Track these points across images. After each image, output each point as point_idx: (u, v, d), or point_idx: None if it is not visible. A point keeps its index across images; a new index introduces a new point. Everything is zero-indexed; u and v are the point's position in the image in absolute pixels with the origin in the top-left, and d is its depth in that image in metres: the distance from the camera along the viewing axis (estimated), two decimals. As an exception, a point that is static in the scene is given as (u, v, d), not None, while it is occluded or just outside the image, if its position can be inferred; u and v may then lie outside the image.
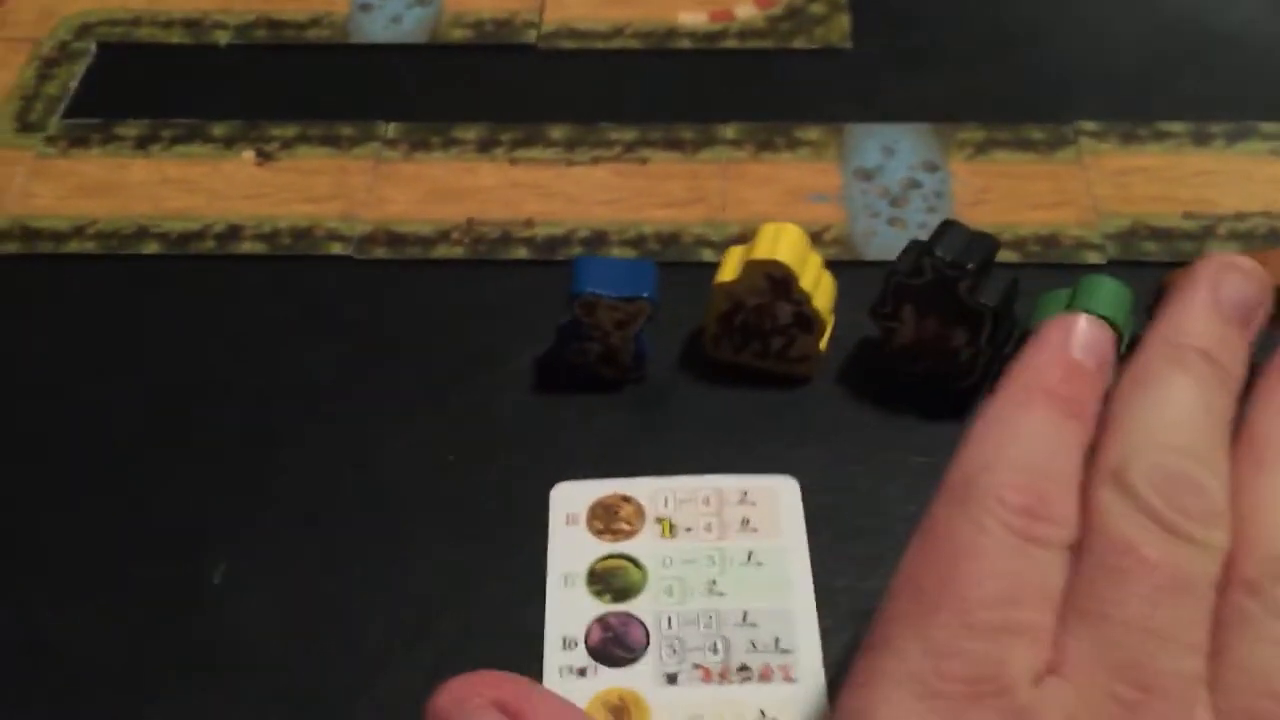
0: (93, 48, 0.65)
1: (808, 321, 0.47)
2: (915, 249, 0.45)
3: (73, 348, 0.52)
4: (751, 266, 0.46)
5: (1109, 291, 0.44)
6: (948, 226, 0.45)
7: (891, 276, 0.46)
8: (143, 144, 0.60)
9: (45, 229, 0.56)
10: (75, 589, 0.44)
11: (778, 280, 0.46)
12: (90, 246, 0.55)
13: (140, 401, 0.49)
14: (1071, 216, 0.54)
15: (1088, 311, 0.43)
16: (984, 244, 0.45)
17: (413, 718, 0.41)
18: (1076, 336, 0.32)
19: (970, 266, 0.44)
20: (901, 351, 0.48)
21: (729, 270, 0.47)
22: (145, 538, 0.45)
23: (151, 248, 0.55)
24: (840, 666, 0.41)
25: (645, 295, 0.46)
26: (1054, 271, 0.52)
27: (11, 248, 0.55)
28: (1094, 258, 0.52)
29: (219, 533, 0.45)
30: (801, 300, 0.46)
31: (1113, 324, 0.43)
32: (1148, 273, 0.49)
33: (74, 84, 0.63)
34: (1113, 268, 0.52)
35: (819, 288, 0.47)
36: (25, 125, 0.61)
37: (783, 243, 0.46)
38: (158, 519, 0.46)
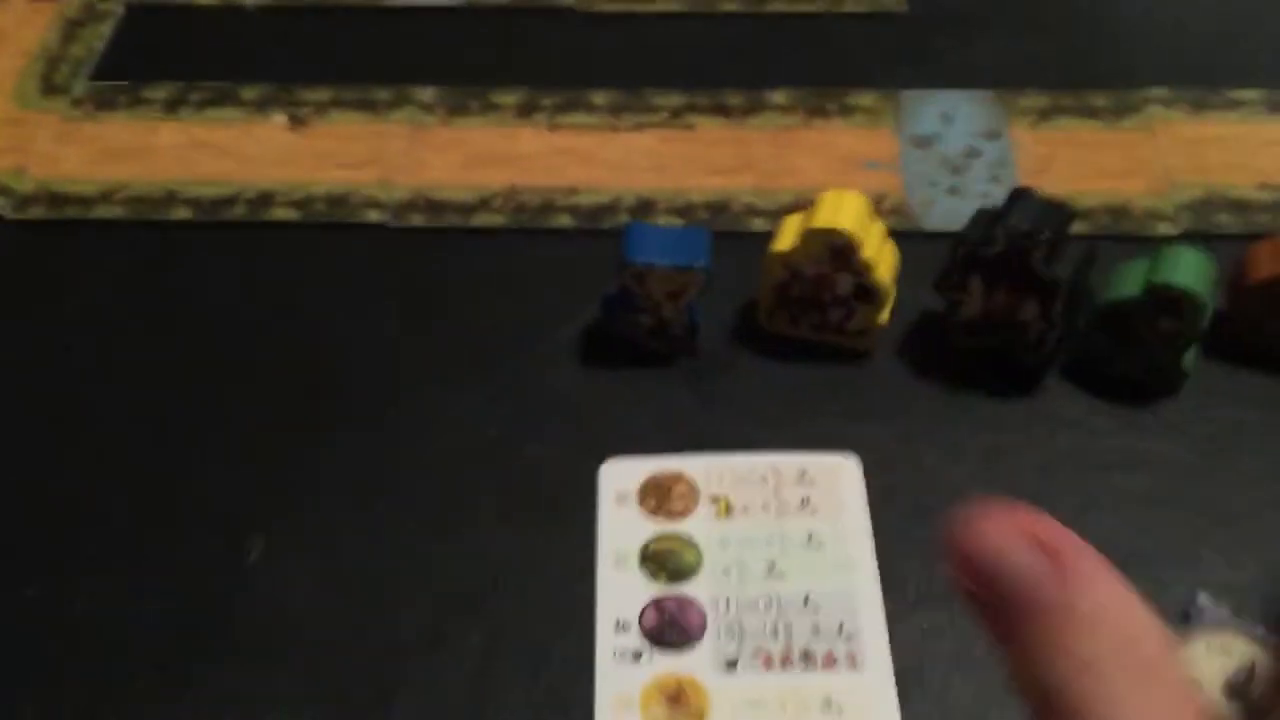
0: (120, 8, 0.63)
1: (869, 293, 0.45)
2: (986, 217, 0.43)
3: (104, 316, 0.50)
4: (811, 235, 0.44)
5: (1191, 262, 0.42)
6: (1021, 194, 0.43)
7: (960, 246, 0.43)
8: (171, 107, 0.58)
9: (72, 194, 0.54)
10: (110, 564, 0.42)
11: (839, 249, 0.44)
12: (119, 212, 0.53)
13: (173, 373, 0.48)
14: (1142, 186, 0.52)
15: (1169, 284, 0.41)
16: (1059, 213, 0.42)
17: (457, 699, 0.39)
18: None
19: (1045, 236, 0.41)
20: (967, 325, 0.46)
21: (786, 239, 0.45)
22: (183, 512, 0.43)
23: (181, 213, 0.53)
24: (908, 653, 0.39)
25: (700, 264, 0.44)
26: (1124, 243, 0.49)
27: (38, 213, 0.53)
28: (1166, 229, 0.50)
29: (258, 508, 0.43)
30: (863, 270, 0.44)
31: (1196, 297, 0.41)
32: (1222, 245, 0.47)
33: (100, 45, 0.61)
34: (1185, 239, 0.49)
35: (881, 258, 0.45)
36: (50, 87, 0.59)
37: (845, 210, 0.44)
38: (194, 493, 0.44)
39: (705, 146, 0.55)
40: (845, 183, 0.51)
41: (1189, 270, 0.42)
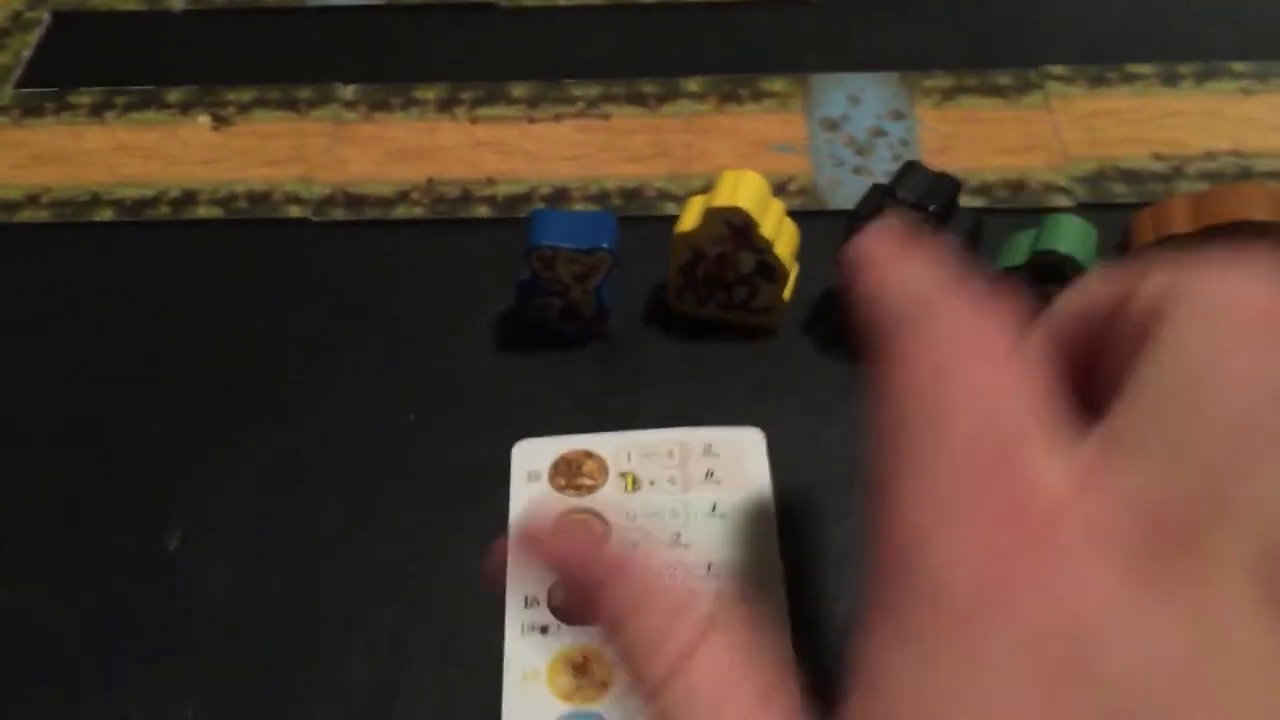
0: (47, 16, 0.64)
1: (770, 270, 0.46)
2: (877, 192, 0.44)
3: (28, 316, 0.51)
4: (712, 214, 0.45)
5: (1073, 230, 0.44)
6: (909, 168, 0.44)
7: (853, 221, 0.45)
8: (97, 111, 0.59)
9: (-2, 199, 0.55)
10: (34, 556, 0.43)
11: (738, 227, 0.45)
12: (44, 215, 0.54)
13: (98, 369, 0.49)
14: (1040, 161, 0.53)
15: (1052, 251, 0.43)
16: (946, 185, 0.44)
17: (377, 679, 0.40)
18: None
19: (932, 208, 0.43)
20: (867, 299, 0.47)
21: (690, 219, 0.46)
22: (105, 505, 0.44)
23: (106, 215, 0.54)
24: (805, 614, 0.40)
25: (605, 246, 0.45)
26: (1022, 216, 0.51)
27: (-37, 218, 0.54)
28: (1063, 201, 0.52)
29: (179, 499, 0.44)
30: (763, 248, 0.46)
31: (1077, 262, 0.43)
32: (1117, 214, 0.49)
33: (27, 53, 0.62)
34: (1082, 210, 0.51)
35: (780, 235, 0.46)
36: (-22, 96, 0.60)
37: (742, 189, 0.45)
38: (117, 486, 0.45)
39: (621, 135, 0.57)
40: (756, 166, 0.52)
41: (1071, 237, 0.43)
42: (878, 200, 0.44)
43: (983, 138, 0.54)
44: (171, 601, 0.42)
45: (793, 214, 0.48)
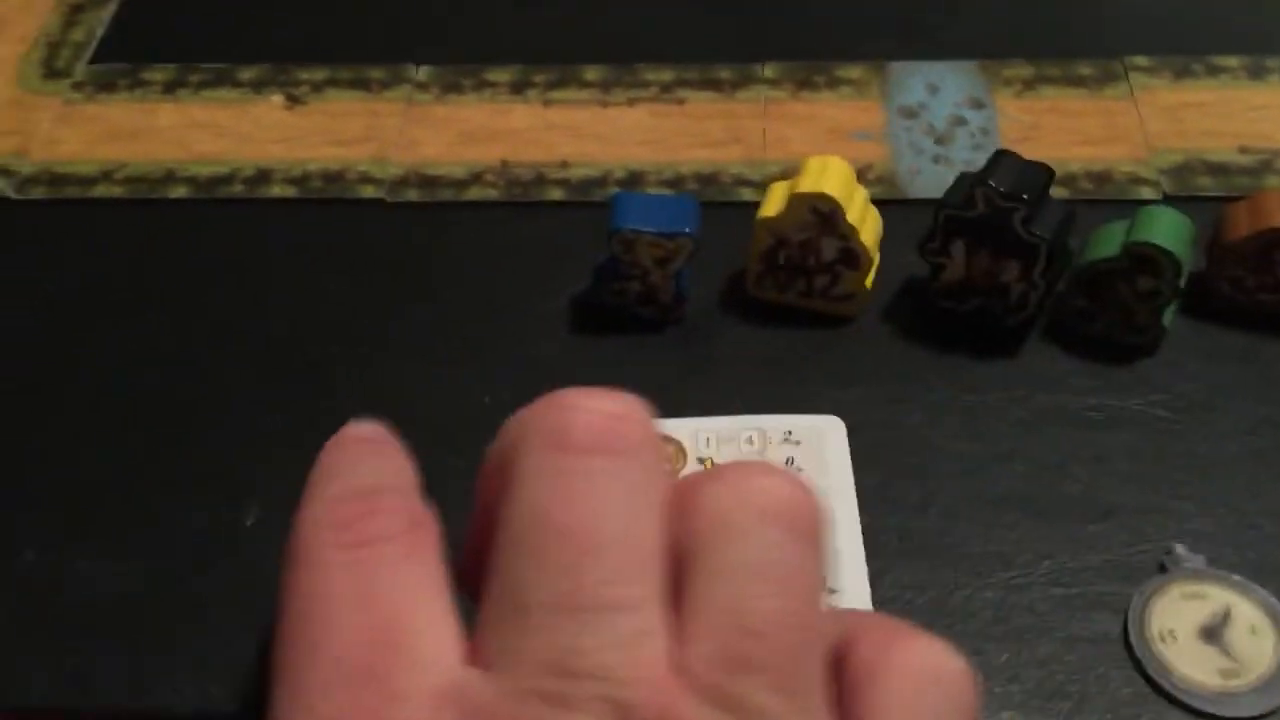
0: (119, -7, 0.64)
1: (854, 257, 0.46)
2: (967, 181, 0.44)
3: (104, 292, 0.51)
4: (797, 200, 0.45)
5: (1169, 223, 0.43)
6: (1001, 157, 0.43)
7: (942, 210, 0.44)
8: (170, 89, 0.59)
9: (72, 174, 0.55)
10: (106, 532, 0.43)
11: (824, 214, 0.45)
12: (118, 191, 0.54)
13: (173, 345, 0.49)
14: (1124, 152, 0.52)
15: (1148, 243, 0.42)
16: (1039, 174, 0.43)
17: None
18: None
19: (1026, 197, 0.42)
20: (950, 289, 0.46)
21: (772, 205, 0.46)
22: (182, 481, 0.44)
23: (180, 192, 0.54)
24: (891, 606, 0.39)
25: (687, 231, 0.45)
26: (1106, 208, 0.50)
27: (39, 193, 0.54)
28: (1148, 193, 0.51)
29: (254, 476, 0.44)
30: (848, 235, 0.45)
31: (1173, 255, 0.42)
32: (1204, 208, 0.48)
33: (101, 29, 0.62)
34: (1166, 203, 0.50)
35: (865, 222, 0.46)
36: (51, 72, 0.60)
37: (829, 175, 0.45)
38: (193, 463, 0.45)
39: (695, 120, 0.56)
40: (834, 153, 0.51)
41: (1166, 230, 0.43)
42: (968, 189, 0.43)
43: (1065, 128, 0.54)
44: (249, 577, 0.42)
45: (871, 202, 0.47)
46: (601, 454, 0.22)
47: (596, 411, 0.22)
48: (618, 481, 0.22)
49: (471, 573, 0.23)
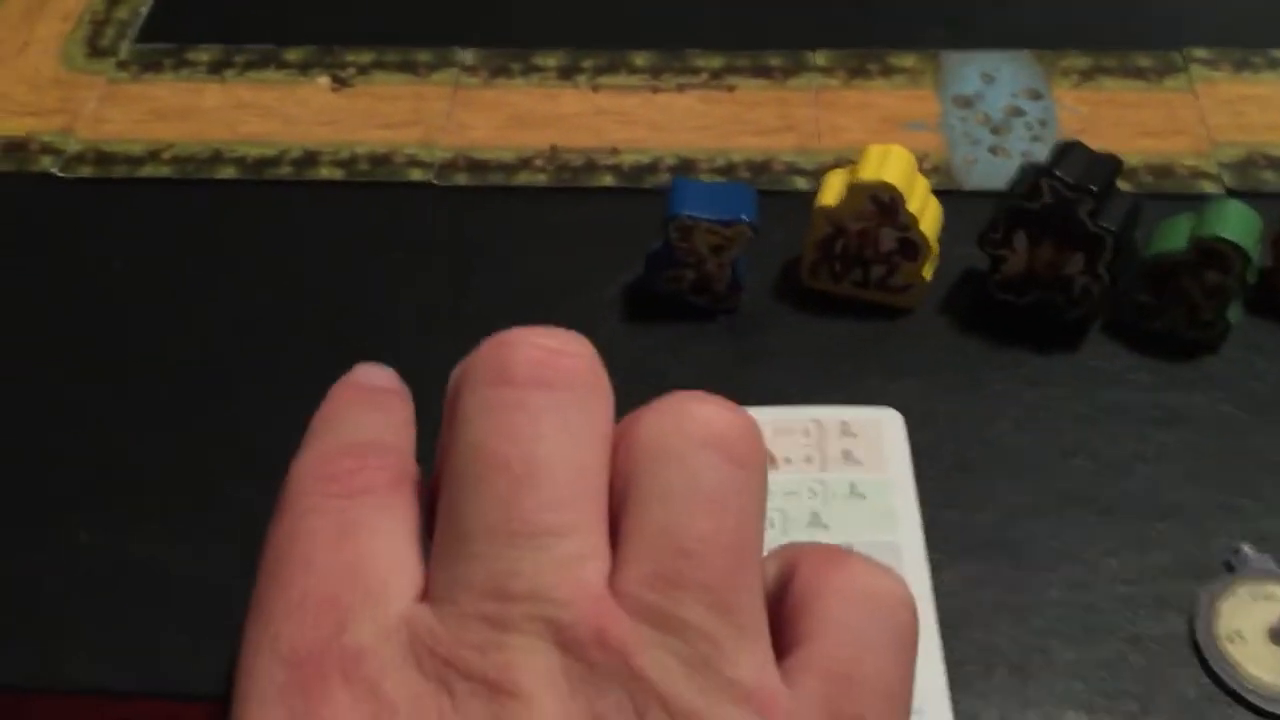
0: (163, -28, 0.64)
1: (913, 248, 0.45)
2: (1032, 171, 0.43)
3: (151, 272, 0.50)
4: (857, 188, 0.44)
5: (1238, 216, 0.42)
6: (1068, 147, 0.43)
7: (1005, 200, 0.44)
8: (216, 69, 0.58)
9: (119, 153, 0.55)
10: (169, 510, 0.43)
11: (884, 203, 0.44)
12: (165, 171, 0.54)
13: (218, 327, 0.48)
14: (1185, 146, 0.52)
15: (1217, 237, 0.41)
16: (1106, 165, 0.42)
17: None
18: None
19: (1093, 188, 0.41)
20: (1010, 281, 0.46)
21: (830, 193, 0.45)
22: (230, 462, 0.44)
23: (228, 172, 0.54)
24: (951, 603, 0.39)
25: (745, 219, 0.44)
26: (1166, 202, 0.49)
27: (85, 171, 0.54)
28: (1210, 188, 0.50)
29: (304, 458, 0.44)
30: (908, 225, 0.44)
31: (1242, 249, 0.41)
32: (1267, 203, 0.47)
33: (145, 8, 0.62)
34: (1230, 198, 0.49)
35: (926, 212, 0.45)
36: (96, 50, 0.60)
37: (890, 163, 0.44)
38: (242, 444, 0.45)
39: (746, 107, 0.55)
40: (888, 142, 0.51)
41: (1235, 223, 0.42)
42: (1033, 179, 0.42)
43: (1124, 120, 0.53)
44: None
45: (928, 192, 0.47)
46: (540, 387, 0.22)
47: (536, 346, 0.23)
48: (556, 413, 0.22)
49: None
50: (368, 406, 0.26)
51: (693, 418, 0.22)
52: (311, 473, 0.24)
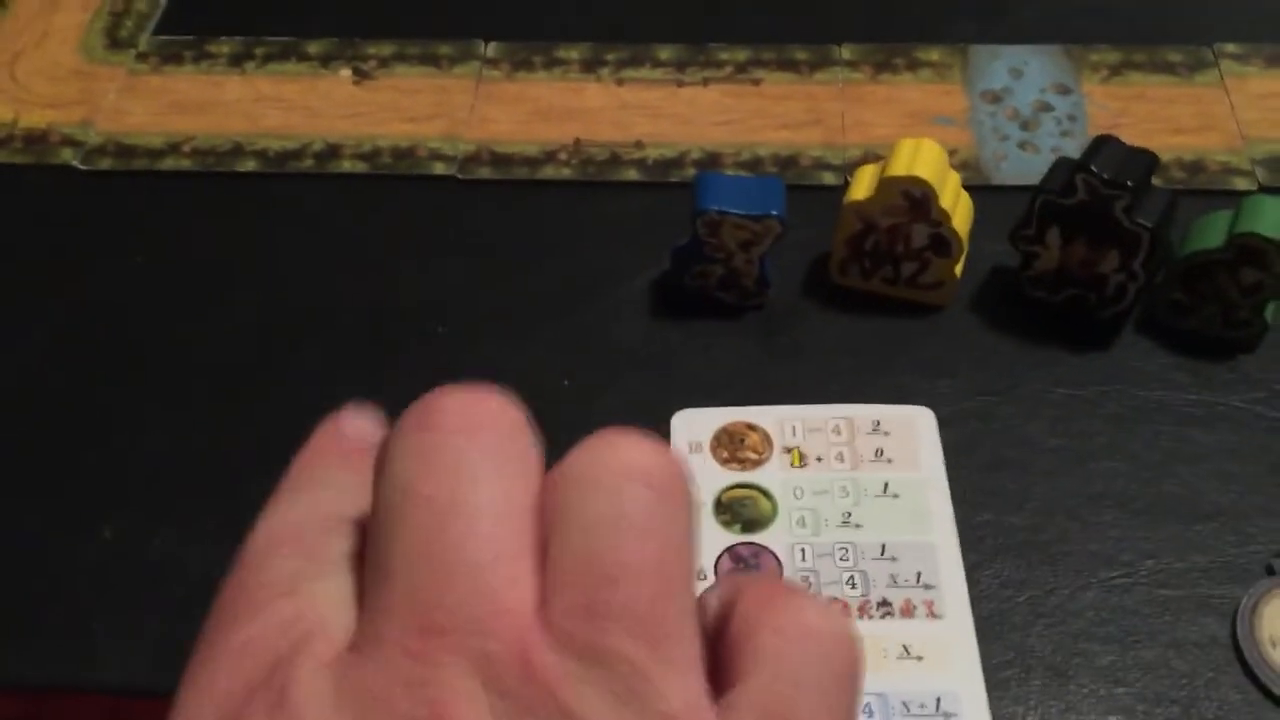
0: (182, -36, 0.63)
1: (945, 244, 0.45)
2: (1066, 166, 0.42)
3: (172, 266, 0.50)
4: (888, 183, 0.43)
5: (1274, 212, 0.42)
6: (1103, 142, 0.42)
7: (1039, 196, 0.43)
8: (237, 61, 0.58)
9: (140, 146, 0.54)
10: (186, 507, 0.42)
11: (916, 198, 0.43)
12: (186, 164, 0.53)
13: (245, 320, 0.48)
14: (1217, 141, 0.51)
15: (1254, 234, 0.41)
16: (1142, 160, 0.42)
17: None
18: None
19: (1130, 184, 0.41)
20: (1043, 278, 0.45)
21: (861, 189, 0.45)
22: (247, 456, 0.43)
23: (249, 165, 0.53)
24: (987, 603, 0.38)
25: (774, 214, 0.44)
26: (1198, 198, 0.49)
27: (105, 164, 0.54)
28: (1244, 184, 0.49)
29: (329, 455, 0.43)
30: (940, 220, 0.44)
31: (1279, 246, 0.41)
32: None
33: (164, 0, 0.61)
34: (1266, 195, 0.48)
35: (958, 208, 0.44)
36: (115, 42, 0.59)
37: (922, 158, 0.43)
38: (259, 437, 0.44)
39: (772, 101, 0.55)
40: (916, 137, 0.50)
41: (1274, 220, 0.41)
42: (1068, 175, 0.42)
43: (1155, 116, 0.52)
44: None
45: (959, 188, 0.46)
46: (463, 431, 0.22)
47: (461, 395, 0.23)
48: (479, 453, 0.22)
49: None
50: (343, 467, 0.26)
51: (618, 451, 0.23)
52: (276, 537, 0.24)
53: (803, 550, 0.40)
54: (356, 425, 0.27)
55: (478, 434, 0.22)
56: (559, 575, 0.21)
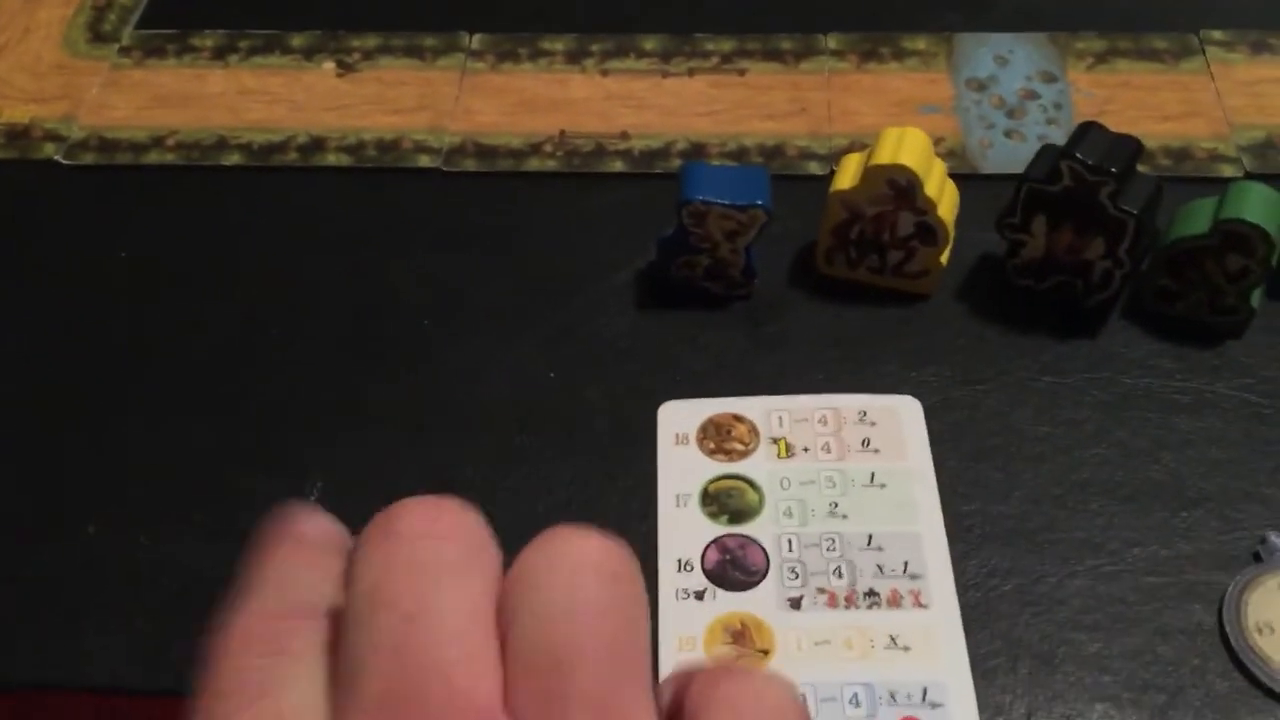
0: (165, -43, 0.63)
1: (931, 232, 0.44)
2: (1051, 153, 0.42)
3: (157, 261, 0.50)
4: (873, 172, 0.43)
5: (1262, 199, 0.42)
6: (1088, 128, 0.42)
7: (1024, 183, 0.43)
8: (220, 55, 0.58)
9: (123, 140, 0.54)
10: (170, 505, 0.42)
11: (901, 187, 0.43)
12: (170, 157, 0.53)
13: (230, 314, 0.48)
14: (1203, 129, 0.51)
15: (1240, 220, 0.41)
16: (1127, 147, 0.42)
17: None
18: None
19: (1114, 170, 0.41)
20: (1029, 266, 0.45)
21: (846, 178, 0.45)
22: (241, 454, 0.43)
23: (233, 159, 0.53)
24: (973, 592, 0.38)
25: (760, 204, 0.44)
26: (1184, 185, 0.48)
27: (88, 159, 0.53)
28: (1230, 171, 0.49)
29: (315, 447, 0.43)
30: (925, 209, 0.44)
31: (1266, 232, 0.41)
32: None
33: (147, -6, 0.61)
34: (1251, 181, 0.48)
35: (943, 196, 0.44)
36: (98, 36, 0.59)
37: (907, 147, 0.43)
38: (252, 435, 0.44)
39: (757, 91, 0.55)
40: (902, 126, 0.50)
41: (1258, 206, 0.41)
42: (1053, 162, 0.42)
43: (1141, 103, 0.52)
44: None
45: (944, 176, 0.46)
46: (425, 537, 0.23)
47: (422, 504, 0.24)
48: (442, 557, 0.23)
49: None
50: (304, 565, 0.26)
51: (569, 544, 0.24)
52: (245, 633, 0.25)
53: (789, 541, 0.40)
54: (318, 526, 0.28)
55: (441, 540, 0.23)
56: (518, 665, 0.22)
